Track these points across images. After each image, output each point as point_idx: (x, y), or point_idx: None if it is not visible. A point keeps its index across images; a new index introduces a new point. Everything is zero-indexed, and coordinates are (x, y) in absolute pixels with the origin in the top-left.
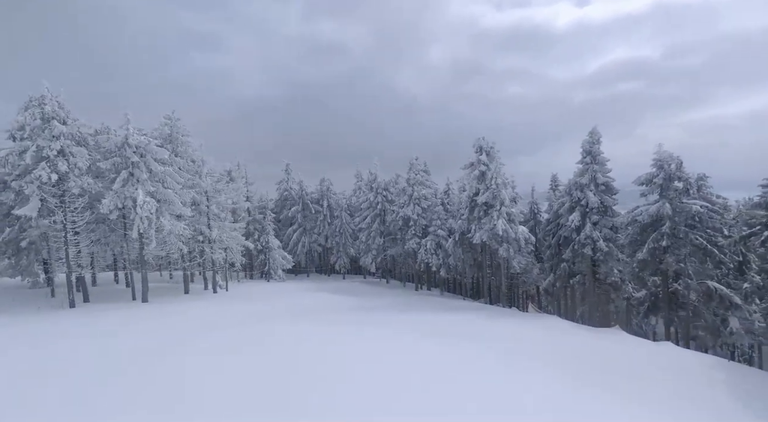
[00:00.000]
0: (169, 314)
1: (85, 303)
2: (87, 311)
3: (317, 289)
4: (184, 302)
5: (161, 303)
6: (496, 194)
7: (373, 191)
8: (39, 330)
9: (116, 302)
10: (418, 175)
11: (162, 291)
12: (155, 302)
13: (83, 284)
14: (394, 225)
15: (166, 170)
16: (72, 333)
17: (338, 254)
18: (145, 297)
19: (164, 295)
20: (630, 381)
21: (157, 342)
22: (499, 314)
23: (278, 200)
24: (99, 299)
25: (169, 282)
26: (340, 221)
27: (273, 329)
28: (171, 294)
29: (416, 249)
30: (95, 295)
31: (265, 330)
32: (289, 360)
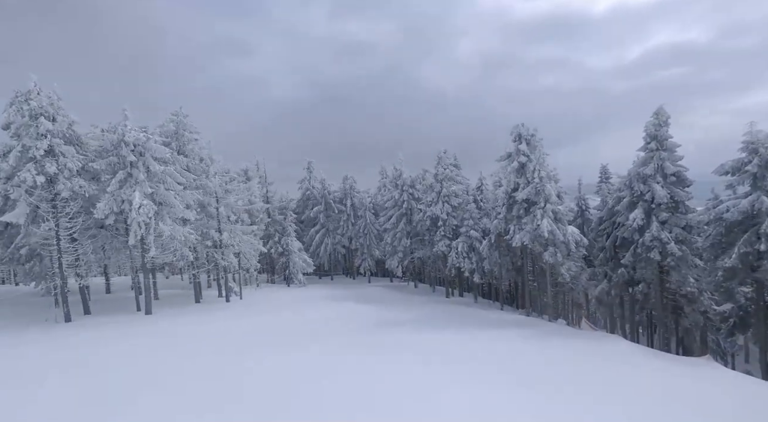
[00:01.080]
0: (160, 333)
1: (86, 316)
2: (76, 327)
3: (339, 297)
4: (189, 314)
5: (163, 316)
6: (539, 190)
7: (398, 188)
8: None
9: (117, 315)
10: (447, 169)
11: (171, 300)
12: (159, 313)
13: (84, 295)
14: (421, 225)
15: (167, 170)
16: (30, 363)
17: (363, 256)
18: (149, 309)
19: (172, 304)
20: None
21: (96, 388)
22: (547, 334)
23: (300, 200)
24: (101, 310)
25: (183, 289)
26: (364, 222)
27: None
28: (180, 303)
29: (446, 252)
30: (99, 305)
31: (250, 367)
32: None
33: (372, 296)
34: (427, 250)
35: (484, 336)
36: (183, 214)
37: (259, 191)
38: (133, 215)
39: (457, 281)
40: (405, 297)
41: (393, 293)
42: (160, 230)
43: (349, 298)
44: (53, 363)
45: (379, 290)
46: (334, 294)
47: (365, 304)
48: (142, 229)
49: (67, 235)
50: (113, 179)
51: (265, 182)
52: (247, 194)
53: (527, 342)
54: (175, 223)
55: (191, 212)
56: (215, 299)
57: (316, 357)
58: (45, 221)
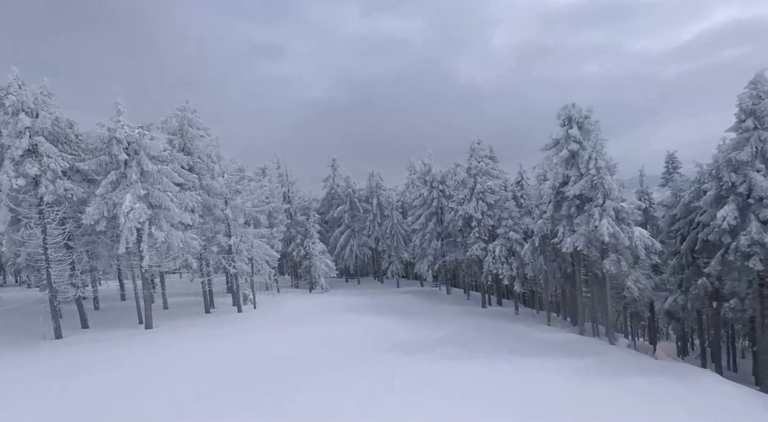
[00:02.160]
0: (149, 357)
1: (83, 330)
2: (61, 347)
3: (360, 306)
4: (193, 328)
5: (164, 331)
6: (595, 183)
7: (427, 185)
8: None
9: (115, 329)
10: (482, 162)
11: (180, 310)
12: (161, 328)
13: (81, 307)
14: (452, 226)
15: (162, 169)
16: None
17: (390, 258)
18: (149, 322)
19: (179, 315)
20: None
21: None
22: (613, 367)
23: (324, 200)
24: (101, 322)
25: (198, 295)
26: (391, 222)
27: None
28: (187, 314)
29: (481, 257)
30: (101, 316)
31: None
32: None
33: (397, 306)
34: (460, 253)
35: (530, 369)
36: (180, 217)
37: (277, 190)
38: (122, 219)
39: (494, 287)
40: (434, 307)
41: (422, 301)
42: (153, 236)
43: (371, 308)
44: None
45: (407, 297)
46: (355, 303)
47: (388, 316)
48: (134, 235)
49: (55, 243)
50: (103, 180)
51: (286, 181)
52: (258, 194)
53: (590, 380)
54: (174, 228)
55: (193, 215)
56: (227, 309)
57: (303, 402)
58: (29, 227)
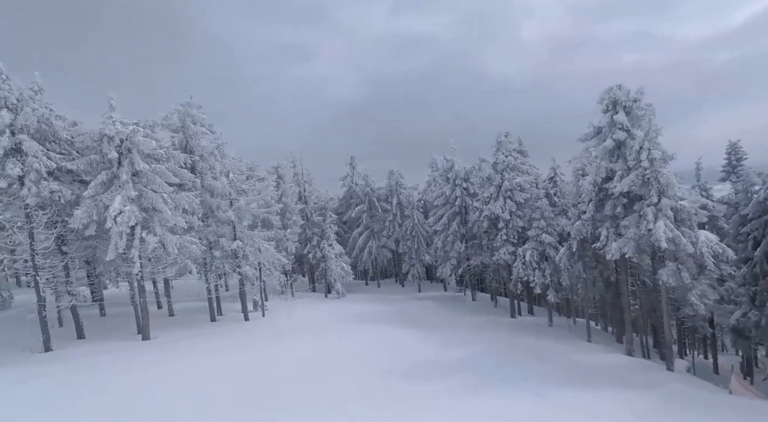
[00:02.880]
0: (135, 380)
1: (79, 340)
2: (46, 363)
3: (376, 315)
4: (194, 339)
5: (161, 343)
6: (648, 178)
7: (450, 182)
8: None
9: (111, 340)
10: (509, 156)
11: (185, 317)
12: (159, 339)
13: (76, 316)
14: (477, 227)
15: (156, 169)
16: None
17: (411, 261)
18: (146, 333)
19: (183, 323)
20: None
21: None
22: (680, 403)
23: (342, 199)
24: (99, 331)
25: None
26: (412, 222)
27: None
28: (192, 322)
29: (510, 261)
30: (101, 325)
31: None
32: None
33: (417, 315)
34: (486, 256)
35: (572, 409)
36: (175, 220)
37: (292, 190)
38: (109, 223)
39: (525, 294)
40: (457, 317)
41: (444, 309)
42: (146, 242)
43: (388, 317)
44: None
45: (428, 304)
46: (371, 311)
47: (405, 329)
48: (123, 240)
49: (43, 248)
50: (93, 181)
51: (301, 180)
52: (265, 195)
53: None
54: (169, 231)
55: (192, 218)
56: (235, 317)
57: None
58: (13, 232)
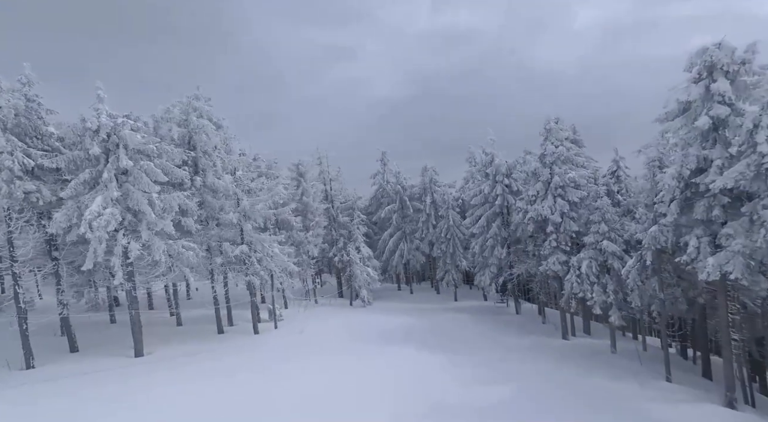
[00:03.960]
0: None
1: (71, 354)
2: (20, 383)
3: (401, 330)
4: (190, 357)
5: (153, 362)
6: (765, 169)
7: (489, 178)
8: None
9: (102, 357)
10: (561, 146)
11: (193, 327)
12: (155, 354)
13: (68, 328)
14: (521, 230)
15: (144, 166)
16: None
17: (445, 266)
18: (140, 349)
19: (187, 336)
20: None
21: None
22: None
23: (373, 199)
24: (96, 344)
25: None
26: (447, 223)
27: None
28: (196, 335)
29: (561, 273)
30: (101, 335)
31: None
32: None
33: (448, 332)
34: (532, 265)
35: None
36: (162, 224)
37: (315, 188)
38: (83, 229)
39: (579, 308)
40: (497, 336)
41: (482, 325)
42: (128, 249)
43: (415, 335)
44: None
45: (464, 319)
46: (396, 325)
47: (431, 351)
48: (103, 245)
49: (22, 255)
50: (73, 180)
51: (327, 178)
52: (272, 194)
53: None
54: (156, 236)
55: (188, 220)
56: (245, 329)
57: None
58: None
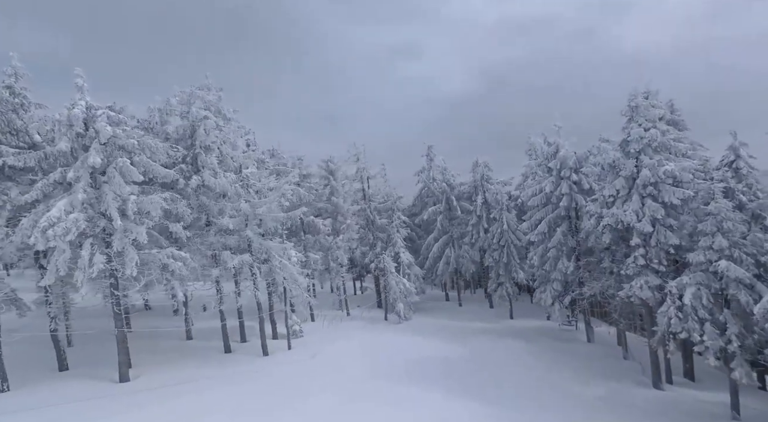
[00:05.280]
0: None
1: (61, 373)
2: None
3: (439, 362)
4: (181, 385)
5: (136, 391)
6: None
7: (552, 173)
8: None
9: (82, 379)
10: (653, 129)
11: (201, 343)
12: (143, 377)
13: (57, 344)
14: (594, 239)
15: (118, 164)
16: None
17: (499, 278)
18: (125, 373)
19: (188, 354)
20: None
21: None
22: None
23: (417, 198)
24: (88, 362)
25: (252, 316)
26: (500, 226)
27: None
28: (200, 354)
29: (652, 300)
30: (97, 350)
31: None
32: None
33: (497, 368)
34: (609, 283)
35: None
36: (137, 232)
37: (344, 188)
38: (33, 239)
39: (676, 342)
40: (562, 378)
41: (543, 355)
42: (92, 261)
43: (450, 369)
44: None
45: (520, 347)
46: (431, 352)
47: (467, 400)
48: (65, 254)
49: None
50: (40, 181)
51: (364, 176)
52: (278, 196)
53: None
54: (131, 246)
55: (176, 226)
56: (255, 349)
57: None
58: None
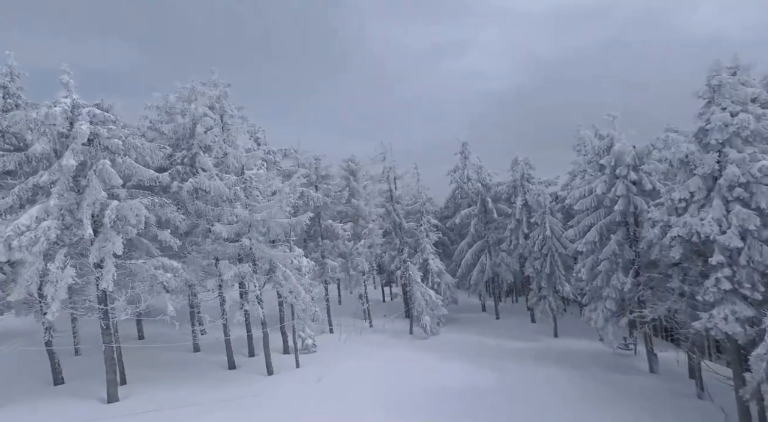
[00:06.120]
0: None
1: (57, 387)
2: None
3: (463, 394)
4: (160, 413)
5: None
6: None
7: (606, 171)
8: None
9: (69, 398)
10: (742, 113)
11: (206, 356)
12: (132, 397)
13: (52, 358)
14: (660, 252)
15: (100, 167)
16: None
17: (540, 291)
18: (113, 393)
19: (190, 369)
20: None
21: None
22: None
23: (450, 199)
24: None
25: (273, 325)
26: (542, 232)
27: None
28: (203, 370)
29: (741, 336)
30: (95, 364)
31: None
32: None
33: (534, 402)
34: (678, 306)
35: None
36: (112, 243)
37: (367, 190)
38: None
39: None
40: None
41: (593, 390)
42: (62, 275)
43: (478, 406)
44: None
45: (562, 377)
46: (455, 380)
47: None
48: (36, 265)
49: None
50: (17, 186)
51: (391, 176)
52: (278, 200)
53: None
54: (110, 257)
55: (163, 233)
56: (260, 366)
57: None
58: None
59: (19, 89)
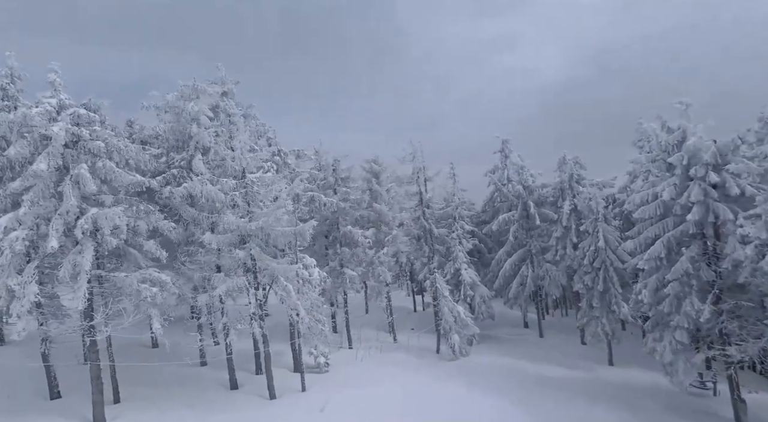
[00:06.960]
0: None
1: (52, 401)
2: None
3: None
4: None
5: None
6: None
7: (676, 171)
8: None
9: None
10: None
11: (210, 373)
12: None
13: (49, 373)
14: (752, 274)
15: (76, 171)
16: None
17: (591, 311)
18: (100, 415)
19: (188, 387)
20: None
21: None
22: None
23: (487, 202)
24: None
25: (282, 340)
26: (594, 242)
27: None
28: (200, 389)
29: None
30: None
31: None
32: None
33: None
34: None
35: None
36: (82, 258)
37: (390, 193)
38: None
39: None
40: None
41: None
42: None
43: None
44: None
45: (619, 419)
46: (487, 415)
47: None
48: (4, 279)
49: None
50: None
51: (422, 178)
52: (276, 206)
53: None
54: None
55: (149, 244)
56: (263, 389)
57: None
58: None
59: (19, 91)
